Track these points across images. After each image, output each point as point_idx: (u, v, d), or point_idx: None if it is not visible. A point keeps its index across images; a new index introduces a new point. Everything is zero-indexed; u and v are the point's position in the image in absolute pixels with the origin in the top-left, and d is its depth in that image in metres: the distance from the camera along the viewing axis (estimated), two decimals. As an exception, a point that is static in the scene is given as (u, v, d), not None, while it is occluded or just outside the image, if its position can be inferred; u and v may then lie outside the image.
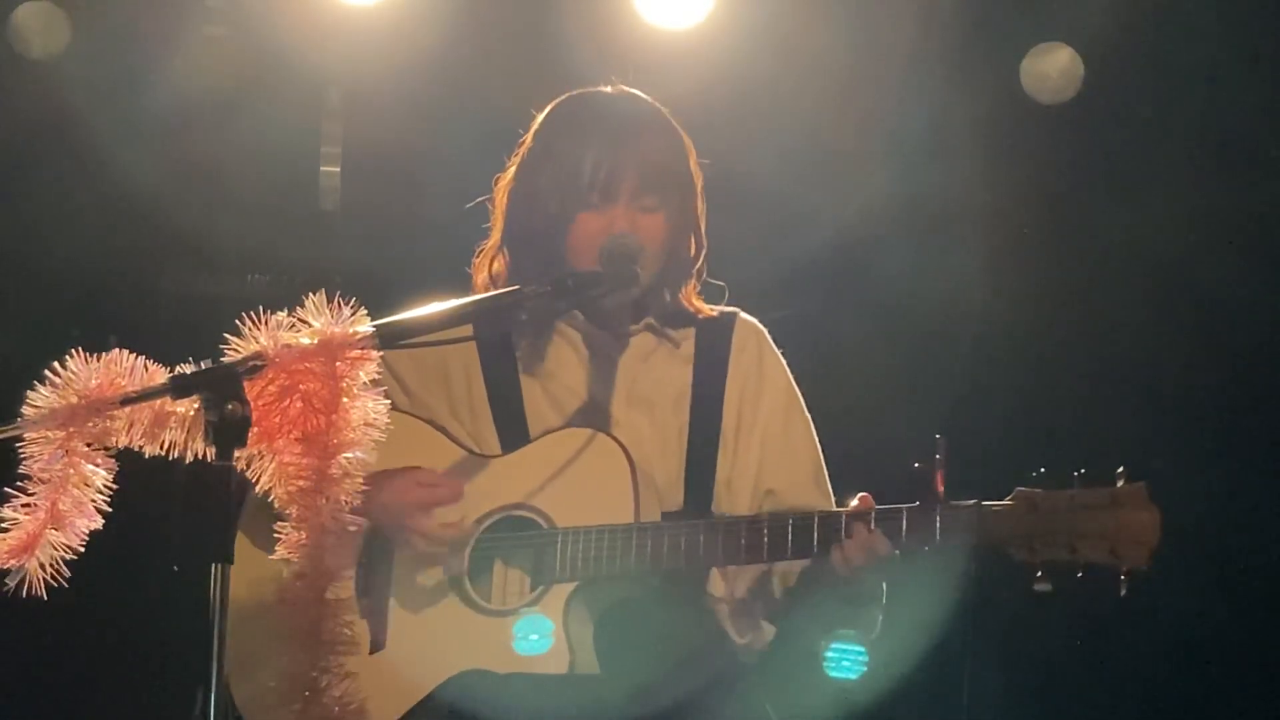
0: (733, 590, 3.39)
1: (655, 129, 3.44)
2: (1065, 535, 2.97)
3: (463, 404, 3.41)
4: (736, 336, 3.46)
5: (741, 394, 3.42)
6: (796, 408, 3.46)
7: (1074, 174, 5.21)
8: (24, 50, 5.06)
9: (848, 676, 4.47)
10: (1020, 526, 3.00)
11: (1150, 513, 2.95)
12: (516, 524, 3.27)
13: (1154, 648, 4.90)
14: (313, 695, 2.51)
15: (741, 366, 3.43)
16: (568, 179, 3.35)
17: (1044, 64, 5.08)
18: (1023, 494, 3.03)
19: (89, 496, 2.42)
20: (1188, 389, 5.04)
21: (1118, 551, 2.94)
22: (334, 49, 5.12)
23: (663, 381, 3.42)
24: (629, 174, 3.33)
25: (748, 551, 3.17)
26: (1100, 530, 2.95)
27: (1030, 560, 2.99)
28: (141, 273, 5.36)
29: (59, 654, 5.12)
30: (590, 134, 3.38)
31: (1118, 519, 2.95)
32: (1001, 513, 3.03)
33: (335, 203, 5.38)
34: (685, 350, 3.45)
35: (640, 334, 3.45)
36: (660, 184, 3.36)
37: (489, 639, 3.20)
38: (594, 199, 3.33)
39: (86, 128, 5.03)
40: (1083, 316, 5.21)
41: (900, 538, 3.06)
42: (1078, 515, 2.97)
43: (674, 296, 3.47)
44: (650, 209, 3.35)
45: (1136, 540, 2.94)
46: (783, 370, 3.47)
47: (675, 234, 3.40)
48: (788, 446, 3.42)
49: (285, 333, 2.48)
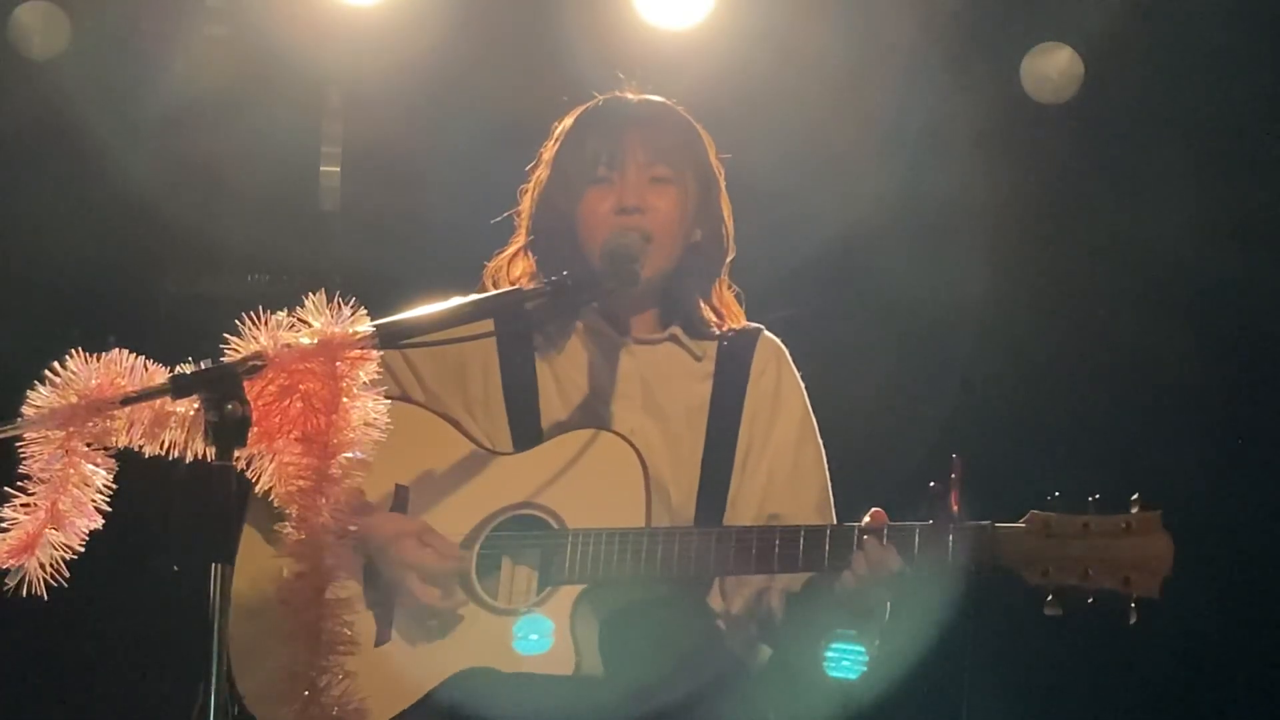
0: (729, 607, 3.38)
1: (669, 115, 3.46)
2: (1078, 562, 2.96)
3: (479, 402, 3.41)
4: (758, 358, 3.44)
5: (755, 416, 3.40)
6: (809, 436, 3.45)
7: (1074, 174, 5.20)
8: (24, 50, 5.05)
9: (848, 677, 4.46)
10: (1034, 550, 2.99)
11: (1164, 541, 2.95)
12: (526, 523, 3.27)
13: (1154, 652, 4.90)
14: (312, 694, 2.51)
15: (760, 389, 3.42)
16: (575, 157, 3.37)
17: (1044, 64, 5.07)
18: (1037, 517, 3.02)
19: (89, 496, 2.43)
20: (1187, 388, 5.04)
21: (1130, 580, 2.94)
22: (334, 49, 5.12)
23: (680, 395, 3.41)
24: (637, 142, 3.34)
25: (758, 561, 3.16)
26: (1114, 558, 2.95)
27: (1042, 584, 2.99)
28: (141, 273, 5.36)
29: (59, 654, 5.12)
30: (604, 118, 3.41)
31: (1132, 547, 2.94)
32: (1015, 535, 3.02)
33: (335, 203, 5.38)
34: (706, 366, 3.44)
35: (664, 343, 3.45)
36: (672, 156, 3.35)
37: (495, 637, 3.20)
38: (601, 171, 3.33)
39: (86, 128, 5.03)
40: (1082, 315, 5.21)
41: (913, 555, 3.06)
42: (1092, 542, 2.96)
43: (706, 300, 3.46)
44: (662, 179, 3.34)
45: (1150, 570, 2.93)
46: (800, 396, 3.46)
47: (692, 215, 3.39)
48: (796, 474, 3.41)
49: (285, 333, 2.48)
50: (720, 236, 3.46)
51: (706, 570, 3.22)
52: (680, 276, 3.43)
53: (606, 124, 3.39)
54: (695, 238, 3.43)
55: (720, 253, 3.47)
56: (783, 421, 3.41)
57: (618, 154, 3.33)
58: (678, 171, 3.36)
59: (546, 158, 3.46)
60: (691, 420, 3.38)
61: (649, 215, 3.32)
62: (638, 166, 3.33)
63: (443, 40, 5.10)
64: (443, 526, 3.28)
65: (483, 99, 5.11)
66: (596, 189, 3.34)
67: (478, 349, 3.39)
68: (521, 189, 3.51)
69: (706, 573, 3.25)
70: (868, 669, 3.25)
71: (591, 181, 3.35)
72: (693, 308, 3.45)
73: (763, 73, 5.07)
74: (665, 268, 3.37)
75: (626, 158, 3.33)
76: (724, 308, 3.49)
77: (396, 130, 5.28)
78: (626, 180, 3.32)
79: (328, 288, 2.53)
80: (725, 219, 3.47)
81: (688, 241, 3.41)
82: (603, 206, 3.32)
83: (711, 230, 3.45)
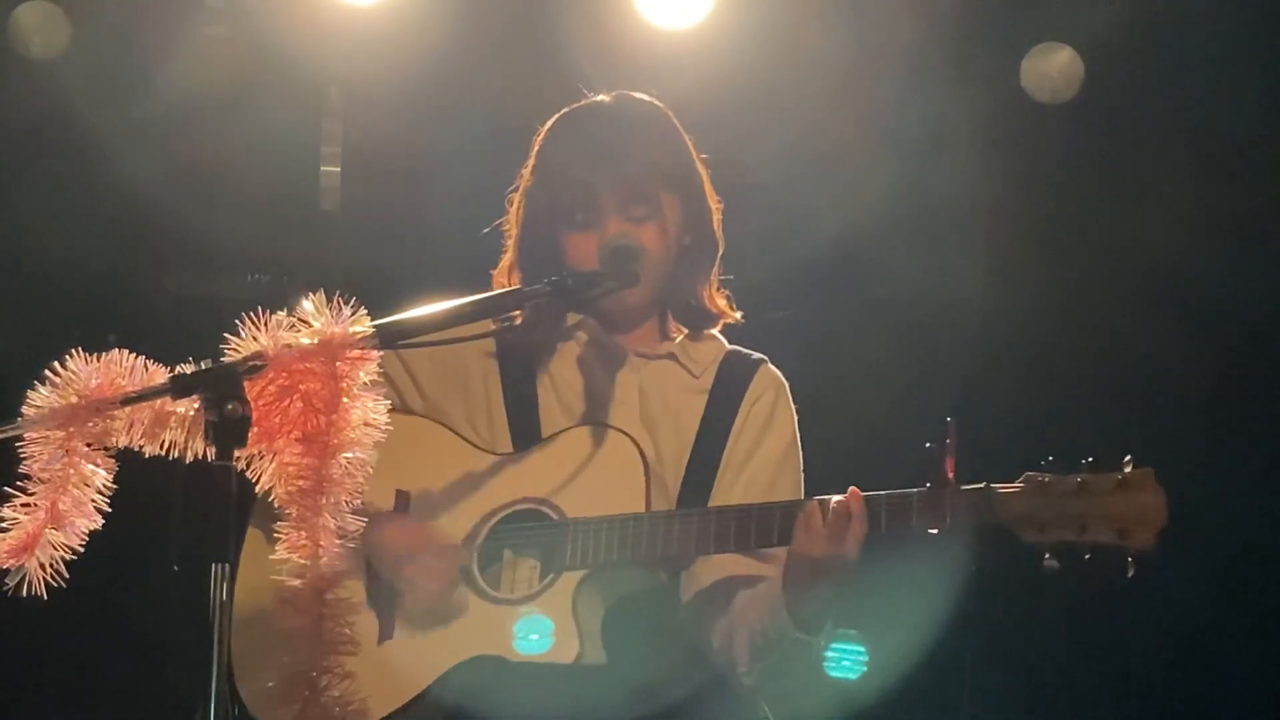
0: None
1: (643, 136, 3.41)
2: (1074, 516, 2.99)
3: (480, 410, 3.41)
4: (755, 384, 3.44)
5: (742, 434, 3.40)
6: (791, 465, 3.44)
7: (1074, 174, 5.21)
8: (24, 50, 5.06)
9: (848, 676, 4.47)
10: (1030, 508, 3.02)
11: (1158, 495, 2.98)
12: (527, 517, 3.27)
13: (1154, 646, 4.90)
14: (312, 695, 2.51)
15: (751, 414, 3.41)
16: (553, 203, 3.37)
17: (1044, 64, 5.08)
18: (1032, 477, 3.05)
19: (89, 496, 2.42)
20: (1187, 388, 5.05)
21: (1126, 533, 2.97)
22: (334, 49, 5.12)
23: (674, 407, 3.41)
24: (611, 191, 3.32)
25: (758, 536, 3.17)
26: (1109, 512, 2.98)
27: (1039, 541, 3.01)
28: (141, 273, 5.37)
29: (59, 654, 5.12)
30: (573, 154, 3.38)
31: (1126, 501, 2.98)
32: (1011, 495, 3.05)
33: (335, 203, 5.38)
34: (703, 382, 3.44)
35: (663, 360, 3.45)
36: (647, 194, 3.34)
37: (497, 627, 3.20)
38: (579, 219, 3.34)
39: (86, 128, 5.03)
40: (1082, 315, 5.21)
41: (911, 520, 3.07)
42: (1087, 498, 3.00)
43: (698, 301, 3.47)
44: (640, 219, 3.34)
45: (1144, 522, 2.97)
46: (791, 428, 3.45)
47: (676, 238, 3.39)
48: (769, 495, 3.36)
49: (285, 333, 2.48)
50: (709, 234, 3.46)
51: (707, 549, 3.23)
52: (675, 280, 3.44)
53: (576, 168, 3.35)
54: (684, 242, 3.43)
55: (711, 249, 3.47)
56: (769, 444, 3.41)
57: (591, 204, 3.32)
58: (654, 205, 3.35)
59: (524, 187, 3.45)
60: (682, 432, 3.39)
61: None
62: (615, 214, 3.33)
63: (443, 40, 5.10)
64: (444, 527, 3.29)
65: (483, 99, 5.12)
66: (577, 234, 3.34)
67: (478, 361, 3.40)
68: (509, 197, 3.50)
69: (707, 552, 3.25)
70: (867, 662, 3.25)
71: (571, 228, 3.35)
72: (689, 301, 3.46)
73: (763, 73, 5.07)
74: (658, 284, 3.38)
75: (600, 205, 3.32)
76: (713, 306, 3.49)
77: (396, 130, 5.29)
78: (606, 224, 3.32)
79: (328, 288, 2.53)
80: (712, 215, 3.46)
81: (678, 250, 3.42)
82: (586, 245, 3.32)
83: (700, 230, 3.45)
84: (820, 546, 3.09)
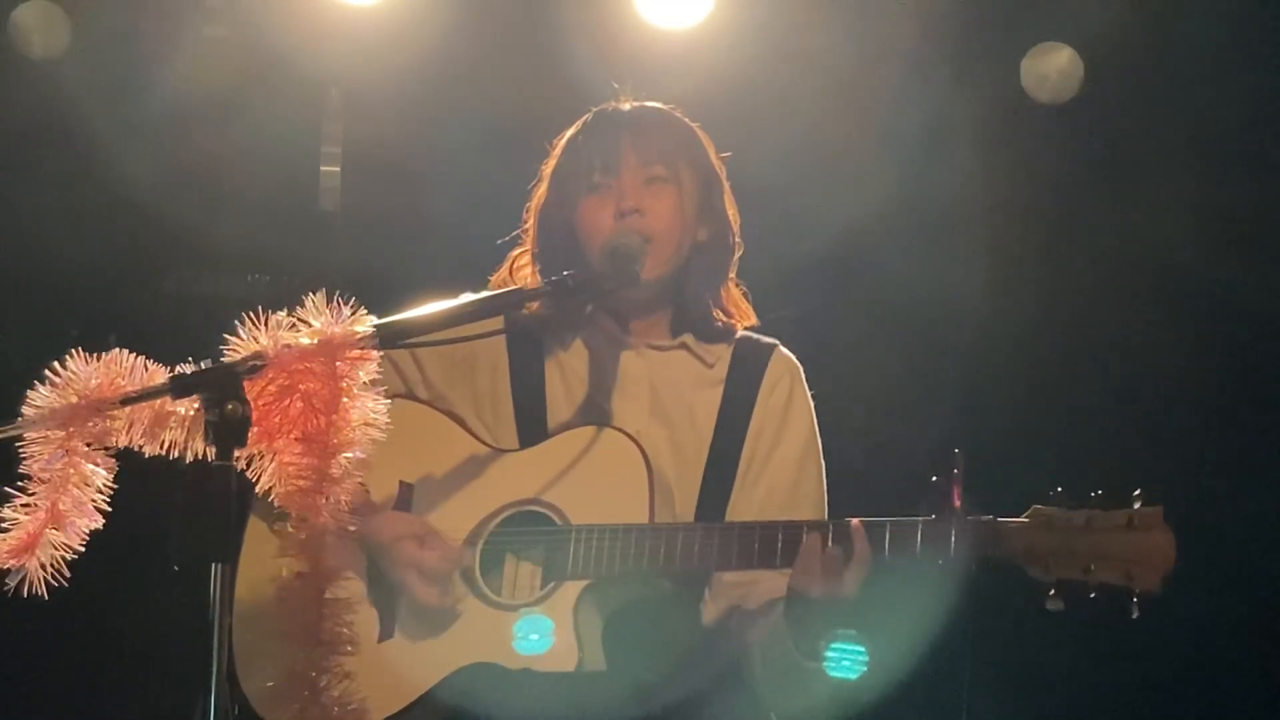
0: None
1: (664, 118, 3.45)
2: (1081, 556, 2.96)
3: (486, 400, 3.41)
4: (770, 373, 3.43)
5: (762, 431, 3.39)
6: (813, 455, 3.43)
7: (1074, 174, 5.21)
8: (24, 50, 5.06)
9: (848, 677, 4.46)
10: (1036, 544, 3.00)
11: (1166, 536, 2.94)
12: (530, 519, 3.27)
13: (1155, 652, 4.90)
14: (312, 695, 2.51)
15: (769, 404, 3.41)
16: (571, 169, 3.38)
17: (1044, 64, 5.08)
18: (1040, 512, 3.02)
19: (89, 496, 2.43)
20: (1187, 388, 5.04)
21: (1132, 574, 2.94)
22: (334, 49, 5.12)
23: (689, 401, 3.40)
24: (630, 145, 3.34)
25: (761, 556, 3.16)
26: (1116, 552, 2.95)
27: (1045, 578, 2.99)
28: (141, 273, 5.37)
29: (59, 654, 5.12)
30: (595, 130, 3.42)
31: (1134, 541, 2.95)
32: (1018, 529, 3.02)
33: (335, 203, 5.38)
34: (717, 372, 3.43)
35: (675, 350, 3.44)
36: (668, 155, 3.35)
37: (497, 633, 3.20)
38: (596, 178, 3.34)
39: (86, 128, 5.03)
40: (1082, 315, 5.21)
41: (915, 550, 3.06)
42: (1094, 536, 2.96)
43: (716, 301, 3.46)
44: (659, 179, 3.34)
45: (1151, 564, 2.94)
46: (809, 416, 3.45)
47: (694, 215, 3.39)
48: (795, 492, 3.39)
49: (285, 333, 2.48)
50: (726, 235, 3.46)
51: (710, 565, 3.22)
52: (689, 278, 3.43)
53: (600, 133, 3.39)
54: (700, 238, 3.43)
55: (727, 251, 3.47)
56: (789, 438, 3.40)
57: (612, 160, 3.33)
58: (673, 170, 3.36)
59: (545, 173, 3.47)
60: (698, 427, 3.38)
61: (648, 217, 3.32)
62: (632, 169, 3.33)
63: (443, 41, 5.10)
64: (446, 524, 3.28)
65: (483, 99, 5.12)
66: (594, 197, 3.34)
67: (487, 348, 3.39)
68: (526, 206, 3.51)
69: (709, 567, 3.25)
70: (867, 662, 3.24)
71: (589, 190, 3.35)
72: (704, 310, 3.45)
73: (763, 73, 5.07)
74: (668, 269, 3.37)
75: (621, 162, 3.33)
76: (733, 307, 3.49)
77: (396, 130, 5.29)
78: (623, 184, 3.32)
79: (328, 288, 2.53)
80: (730, 218, 3.47)
81: (692, 241, 3.41)
82: (602, 214, 3.32)
83: (717, 229, 3.44)
84: (818, 587, 3.09)
